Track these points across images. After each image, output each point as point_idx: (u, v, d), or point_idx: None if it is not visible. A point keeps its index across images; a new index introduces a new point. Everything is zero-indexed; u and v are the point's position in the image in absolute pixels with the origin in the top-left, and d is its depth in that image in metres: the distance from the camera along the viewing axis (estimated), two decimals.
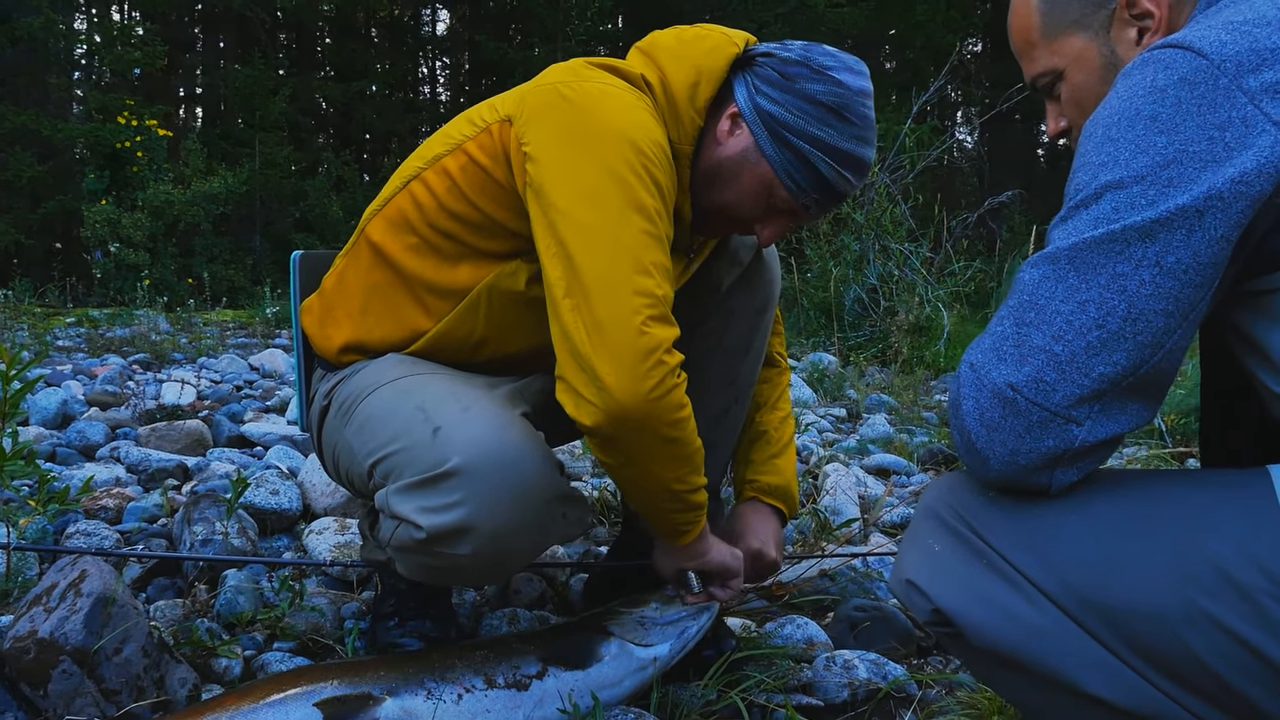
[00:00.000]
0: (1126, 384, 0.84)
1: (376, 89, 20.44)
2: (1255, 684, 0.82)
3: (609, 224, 1.15)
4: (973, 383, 0.90)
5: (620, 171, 1.17)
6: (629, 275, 1.13)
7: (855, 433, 3.56)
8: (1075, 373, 0.84)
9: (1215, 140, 0.81)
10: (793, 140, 1.27)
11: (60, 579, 1.28)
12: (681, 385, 1.16)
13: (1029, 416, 0.86)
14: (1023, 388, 0.86)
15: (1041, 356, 0.85)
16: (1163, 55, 0.87)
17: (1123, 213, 0.83)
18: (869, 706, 1.41)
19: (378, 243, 1.40)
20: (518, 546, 1.23)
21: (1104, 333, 0.83)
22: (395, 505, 1.20)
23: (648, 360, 1.11)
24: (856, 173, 1.30)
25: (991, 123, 15.84)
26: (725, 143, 1.31)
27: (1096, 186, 0.86)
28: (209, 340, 6.40)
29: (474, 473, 1.16)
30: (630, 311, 1.11)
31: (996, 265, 7.63)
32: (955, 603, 0.95)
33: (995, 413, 0.88)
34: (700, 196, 1.35)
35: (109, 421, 3.01)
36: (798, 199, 1.30)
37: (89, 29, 18.30)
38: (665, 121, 1.29)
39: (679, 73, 1.30)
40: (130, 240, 11.19)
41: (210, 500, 1.91)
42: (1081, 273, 0.85)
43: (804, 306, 6.26)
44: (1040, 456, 0.87)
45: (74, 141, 14.02)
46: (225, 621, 1.57)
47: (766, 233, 1.35)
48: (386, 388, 1.32)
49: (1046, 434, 0.86)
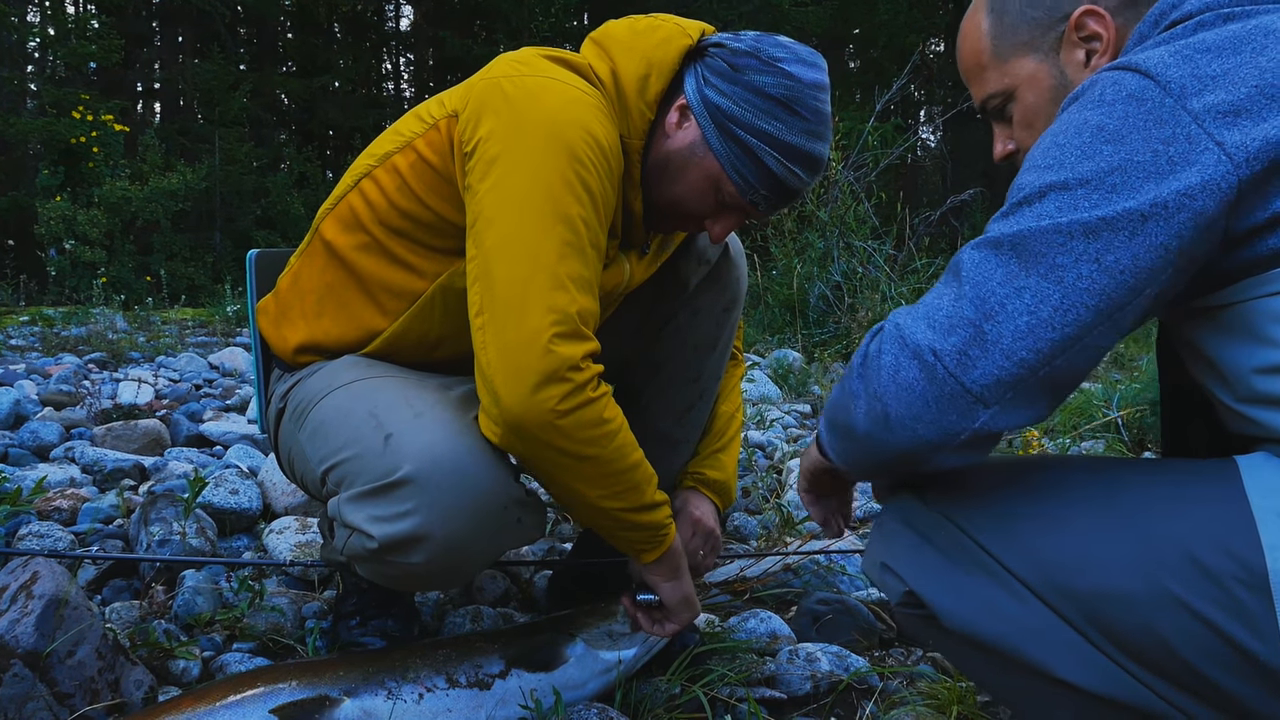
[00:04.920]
0: (1042, 373, 0.85)
1: (339, 85, 20.22)
2: (1221, 668, 0.83)
3: (529, 235, 1.13)
4: (896, 339, 0.90)
5: (549, 179, 1.14)
6: (541, 292, 1.11)
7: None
8: (998, 354, 0.85)
9: (1160, 154, 0.83)
10: (739, 134, 1.24)
11: (11, 581, 1.25)
12: (599, 401, 1.13)
13: (943, 386, 0.86)
14: (944, 356, 0.86)
15: (969, 330, 0.86)
16: (1111, 75, 0.89)
17: (1066, 211, 0.85)
18: (831, 698, 1.42)
19: (331, 241, 1.38)
20: (472, 554, 1.21)
21: (1034, 319, 0.84)
22: (347, 514, 1.18)
23: (549, 378, 1.09)
24: (807, 169, 1.27)
25: (953, 121, 16.01)
26: (673, 135, 1.28)
27: (1041, 186, 0.88)
28: (168, 339, 6.30)
29: (426, 481, 1.14)
30: (535, 331, 1.09)
31: None
32: (928, 585, 0.96)
33: (911, 373, 0.88)
34: (651, 190, 1.32)
35: (64, 421, 2.96)
36: (745, 195, 1.27)
37: (42, 21, 17.91)
38: (615, 116, 1.26)
39: (629, 65, 1.27)
40: (86, 237, 10.98)
41: (168, 500, 1.88)
42: (1023, 259, 0.86)
43: (768, 303, 6.29)
44: (939, 430, 0.87)
45: (27, 137, 13.72)
46: (183, 623, 1.54)
47: (716, 229, 1.33)
48: (340, 391, 1.30)
49: (953, 408, 0.86)
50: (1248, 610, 0.81)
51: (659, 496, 1.25)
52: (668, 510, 1.28)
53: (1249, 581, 0.81)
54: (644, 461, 1.22)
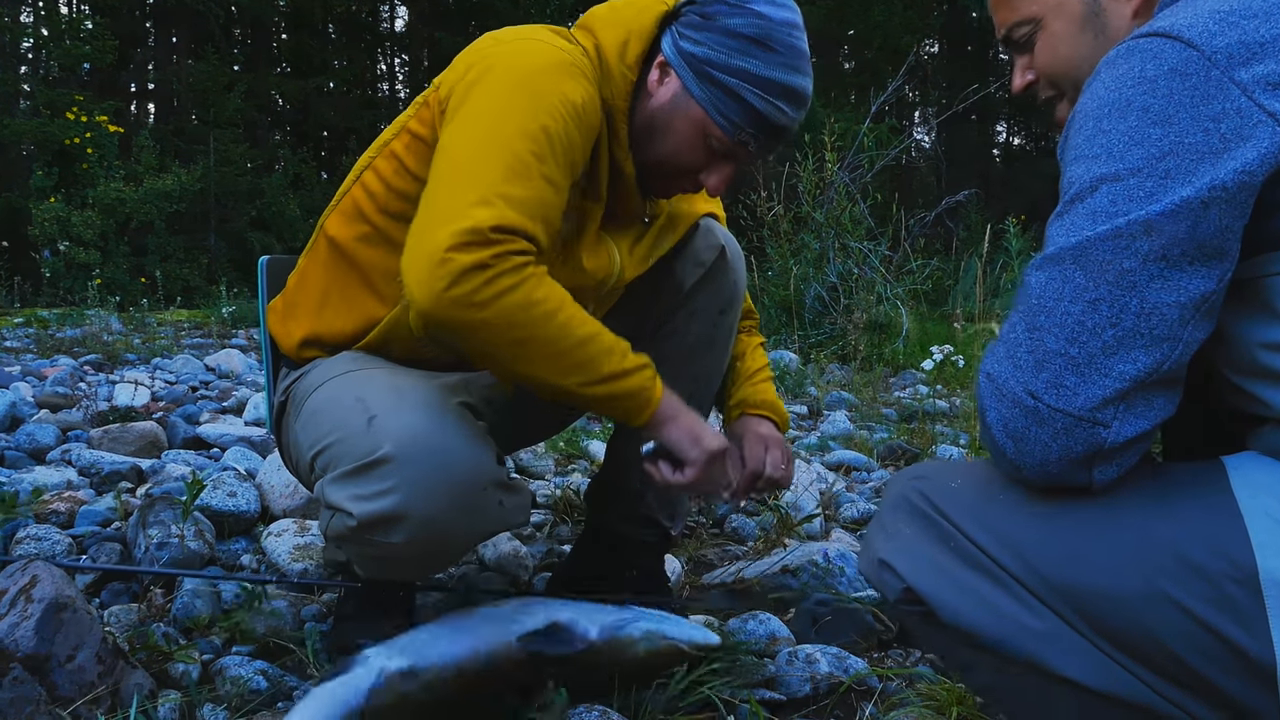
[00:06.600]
0: (1150, 380, 0.83)
1: (334, 85, 20.21)
2: (1215, 665, 0.83)
3: (469, 158, 1.15)
4: (992, 394, 0.89)
5: (506, 115, 1.16)
6: (461, 206, 1.10)
7: (816, 429, 3.59)
8: (1095, 374, 0.83)
9: (1211, 132, 0.80)
10: (717, 76, 1.26)
11: (10, 585, 1.25)
12: (522, 286, 1.10)
13: (1053, 424, 0.84)
14: (1042, 395, 0.84)
15: (1059, 361, 0.84)
16: (1149, 45, 0.86)
17: (1121, 205, 0.82)
18: (831, 700, 1.43)
19: (334, 236, 1.41)
20: (452, 534, 1.21)
21: (1119, 330, 0.82)
22: (330, 494, 1.20)
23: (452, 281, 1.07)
24: (790, 102, 1.28)
25: (948, 123, 16.02)
26: (656, 93, 1.31)
27: (1091, 179, 0.85)
28: (163, 340, 6.29)
29: (405, 460, 1.15)
30: (442, 240, 1.08)
31: (954, 264, 7.74)
32: (927, 582, 0.95)
33: (1019, 422, 0.86)
34: (641, 152, 1.34)
35: (60, 424, 2.95)
36: (733, 136, 1.29)
37: (36, 22, 17.86)
38: (598, 81, 1.29)
39: (610, 35, 1.32)
40: (80, 239, 10.96)
41: (165, 503, 1.88)
42: (1088, 271, 0.83)
43: (765, 304, 6.29)
44: (1071, 462, 0.86)
45: (21, 138, 13.69)
46: (182, 626, 1.54)
47: (712, 180, 1.35)
48: (334, 381, 1.32)
49: (1073, 439, 0.84)
50: (1239, 606, 0.81)
51: (628, 363, 1.20)
52: (646, 373, 1.23)
53: (1239, 578, 0.81)
54: (599, 334, 1.18)
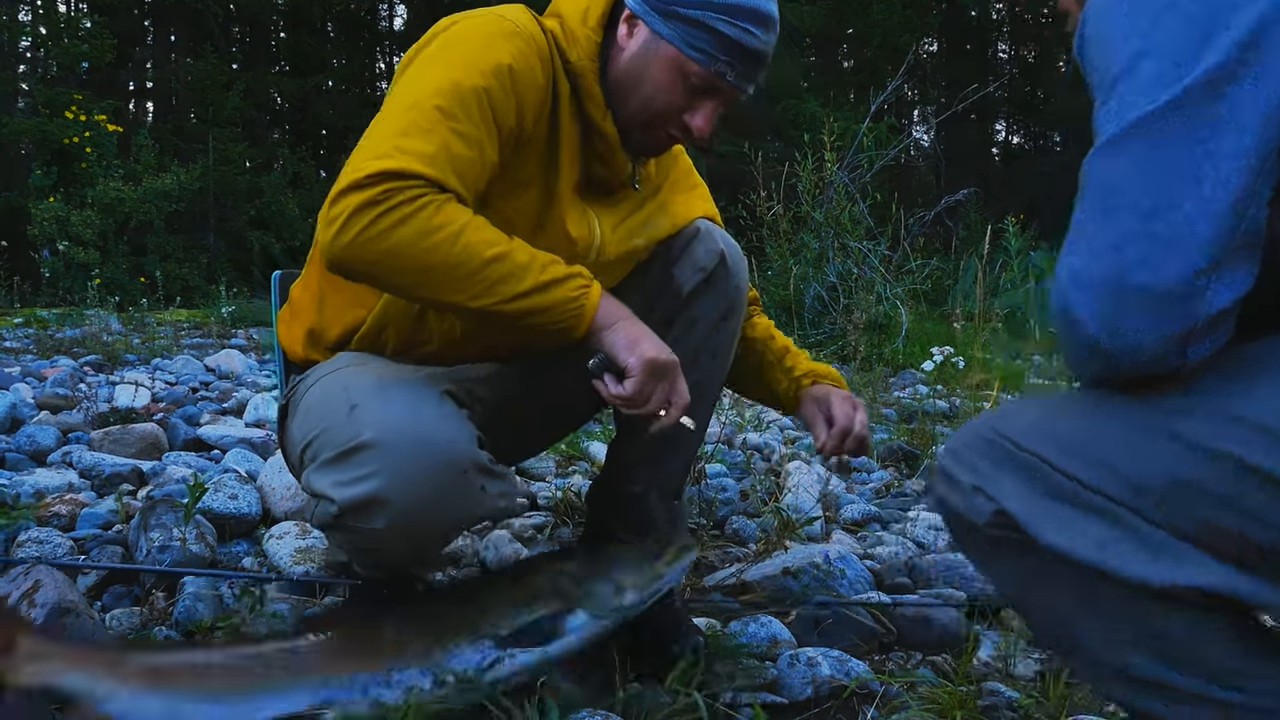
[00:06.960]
0: (1235, 245, 0.79)
1: (333, 84, 20.21)
2: None
3: (379, 120, 1.21)
4: (1078, 286, 0.84)
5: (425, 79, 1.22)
6: (360, 163, 1.15)
7: None
8: (1182, 244, 0.79)
9: None
10: (682, 10, 1.29)
11: (14, 590, 1.25)
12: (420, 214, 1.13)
13: (1146, 303, 0.80)
14: (1131, 275, 0.80)
15: (1142, 239, 0.80)
16: None
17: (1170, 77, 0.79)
18: (833, 704, 1.43)
19: None
20: (434, 520, 1.21)
21: (1198, 199, 0.78)
22: (313, 482, 1.21)
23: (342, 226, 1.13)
24: (758, 24, 1.30)
25: (947, 122, 16.03)
26: (627, 45, 1.34)
27: (1128, 56, 0.82)
28: (163, 341, 6.28)
29: (385, 445, 1.16)
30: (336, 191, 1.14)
31: (953, 263, 7.74)
32: (1020, 505, 0.93)
33: (1109, 309, 0.82)
34: (623, 107, 1.36)
35: (60, 425, 2.95)
36: (709, 66, 1.30)
37: (34, 21, 17.83)
38: (557, 48, 1.33)
39: (571, 6, 1.37)
40: (80, 238, 10.95)
41: (167, 505, 1.88)
42: (1155, 144, 0.80)
43: (764, 304, 6.30)
44: (1167, 341, 0.81)
45: (19, 137, 13.68)
46: (184, 629, 1.54)
47: (697, 120, 1.35)
48: (327, 378, 1.35)
49: (1169, 316, 0.80)
50: None
51: (549, 274, 1.19)
52: (575, 281, 1.21)
53: None
54: (515, 250, 1.17)
